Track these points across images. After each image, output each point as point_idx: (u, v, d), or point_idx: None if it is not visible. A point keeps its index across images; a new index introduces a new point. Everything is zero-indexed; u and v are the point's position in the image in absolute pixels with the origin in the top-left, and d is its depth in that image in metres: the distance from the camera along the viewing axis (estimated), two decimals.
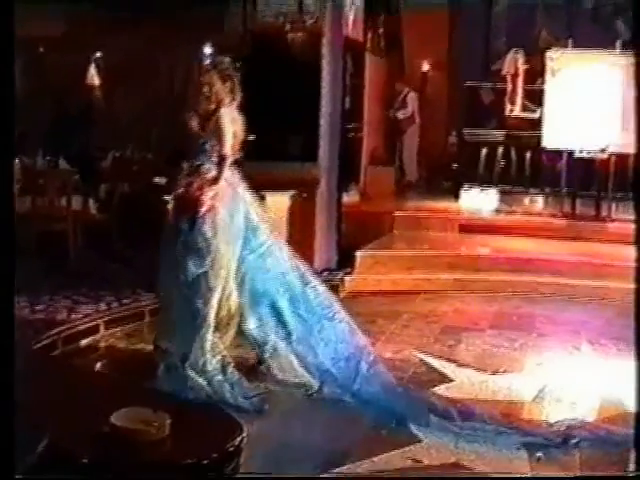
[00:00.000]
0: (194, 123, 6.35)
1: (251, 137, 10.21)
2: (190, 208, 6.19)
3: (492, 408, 6.12)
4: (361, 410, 6.01)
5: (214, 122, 6.30)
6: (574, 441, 5.57)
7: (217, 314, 6.34)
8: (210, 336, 6.24)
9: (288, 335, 6.50)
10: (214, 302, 6.27)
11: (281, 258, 6.63)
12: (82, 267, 9.59)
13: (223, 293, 6.37)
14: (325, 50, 9.87)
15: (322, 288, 6.78)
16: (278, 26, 9.89)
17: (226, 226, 6.29)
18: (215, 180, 6.25)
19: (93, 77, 14.23)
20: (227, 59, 6.57)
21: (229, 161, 6.34)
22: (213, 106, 6.35)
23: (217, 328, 6.36)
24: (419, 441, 5.56)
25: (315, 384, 6.33)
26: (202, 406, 4.42)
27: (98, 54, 14.64)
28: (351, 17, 10.28)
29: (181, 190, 6.33)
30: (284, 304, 6.53)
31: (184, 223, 6.24)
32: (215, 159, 6.28)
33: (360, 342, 6.64)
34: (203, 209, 6.16)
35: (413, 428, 5.70)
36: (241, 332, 6.57)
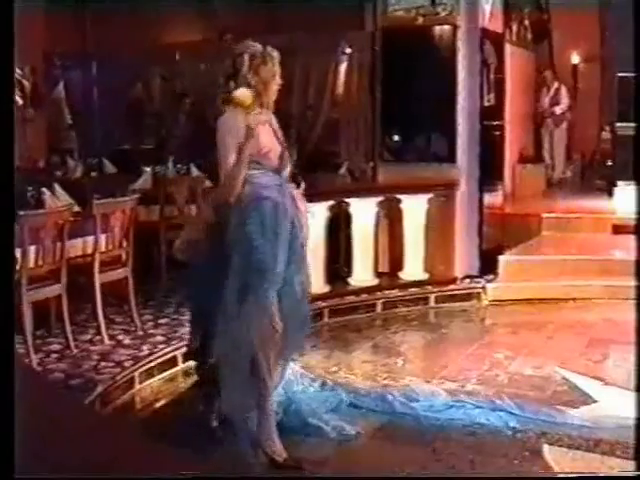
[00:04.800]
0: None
1: (396, 138, 9.99)
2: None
3: None
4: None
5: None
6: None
7: None
8: None
9: None
10: None
11: None
12: None
13: None
14: (460, 43, 9.34)
15: None
16: (410, 19, 9.41)
17: None
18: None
19: None
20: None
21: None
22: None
23: None
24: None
25: None
26: None
27: None
28: (489, 6, 9.66)
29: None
30: None
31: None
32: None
33: None
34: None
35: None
36: None
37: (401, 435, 5.63)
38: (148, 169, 10.60)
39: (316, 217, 8.63)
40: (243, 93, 5.05)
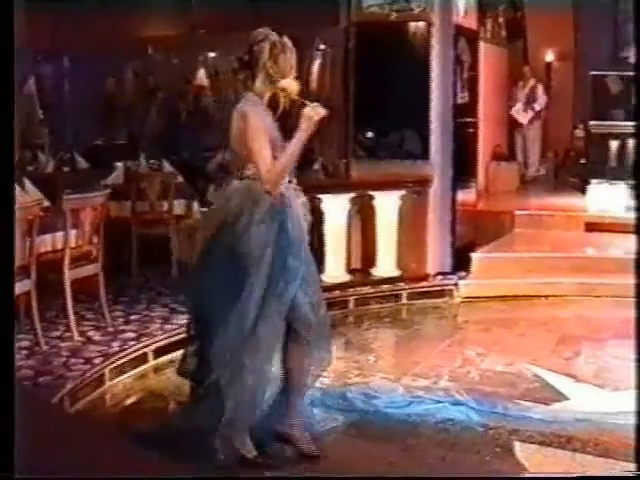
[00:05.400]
0: None
1: (369, 134, 9.95)
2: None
3: None
4: None
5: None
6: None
7: None
8: None
9: None
10: None
11: None
12: (181, 273, 9.27)
13: None
14: (434, 40, 9.33)
15: None
16: (384, 16, 9.39)
17: None
18: None
19: (202, 79, 13.95)
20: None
21: None
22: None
23: None
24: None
25: None
26: None
27: (210, 54, 14.36)
28: (463, 3, 9.66)
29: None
30: None
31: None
32: None
33: None
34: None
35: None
36: None
37: (372, 432, 5.60)
38: (120, 164, 10.51)
39: None
40: (291, 83, 4.93)
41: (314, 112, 4.81)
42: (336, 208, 9.11)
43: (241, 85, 5.00)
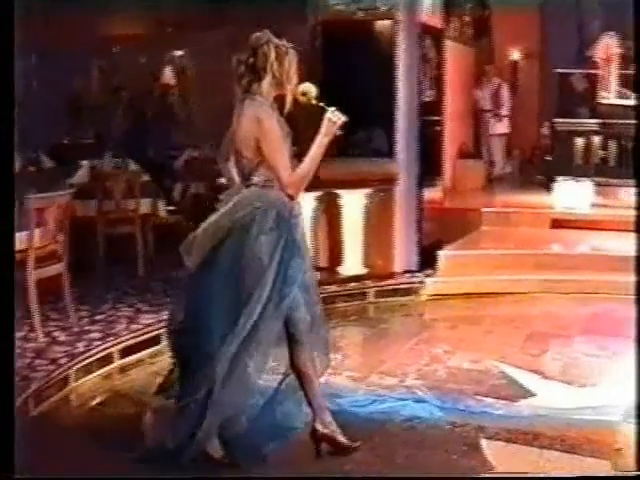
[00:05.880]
0: None
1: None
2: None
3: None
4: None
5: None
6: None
7: None
8: None
9: None
10: None
11: None
12: (147, 272, 9.25)
13: None
14: (400, 38, 9.33)
15: None
16: (350, 14, 9.40)
17: None
18: None
19: (169, 77, 13.89)
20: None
21: None
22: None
23: None
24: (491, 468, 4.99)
25: None
26: None
27: (176, 53, 14.32)
28: (429, 1, 9.68)
29: None
30: None
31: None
32: None
33: None
34: None
35: None
36: None
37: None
38: (86, 163, 10.43)
39: None
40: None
41: (336, 117, 4.88)
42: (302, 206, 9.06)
43: (243, 88, 4.92)
